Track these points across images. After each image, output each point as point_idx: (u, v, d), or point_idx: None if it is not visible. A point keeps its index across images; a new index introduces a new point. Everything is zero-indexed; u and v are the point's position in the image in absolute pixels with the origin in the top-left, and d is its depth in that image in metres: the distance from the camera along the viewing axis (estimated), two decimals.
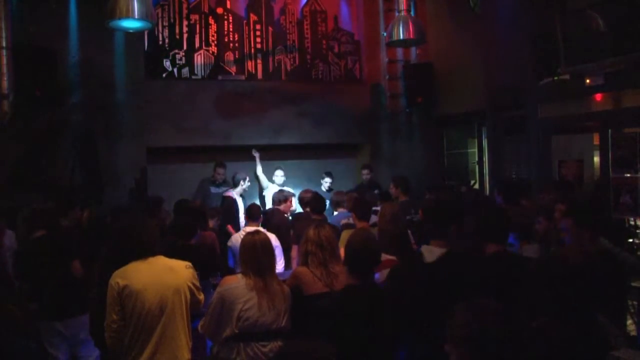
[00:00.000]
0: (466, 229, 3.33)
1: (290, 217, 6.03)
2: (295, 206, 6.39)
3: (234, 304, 2.96)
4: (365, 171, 7.85)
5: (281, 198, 5.84)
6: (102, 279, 3.21)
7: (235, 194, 6.85)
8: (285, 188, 6.81)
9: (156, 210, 5.12)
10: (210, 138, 7.93)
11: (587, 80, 5.46)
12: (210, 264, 4.23)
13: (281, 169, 7.57)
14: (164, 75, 7.98)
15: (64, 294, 3.86)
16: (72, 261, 3.91)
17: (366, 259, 2.76)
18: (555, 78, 5.64)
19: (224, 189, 7.18)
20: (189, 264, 3.02)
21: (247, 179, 7.04)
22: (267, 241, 3.15)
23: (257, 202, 7.00)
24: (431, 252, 2.74)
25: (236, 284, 3.03)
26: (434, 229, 2.80)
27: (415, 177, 7.26)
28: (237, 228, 6.17)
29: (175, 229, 4.24)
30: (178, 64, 8.06)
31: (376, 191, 6.74)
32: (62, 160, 6.62)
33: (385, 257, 3.42)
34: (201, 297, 3.06)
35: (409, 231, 4.52)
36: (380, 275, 3.29)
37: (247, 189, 7.11)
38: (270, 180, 7.53)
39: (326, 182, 7.61)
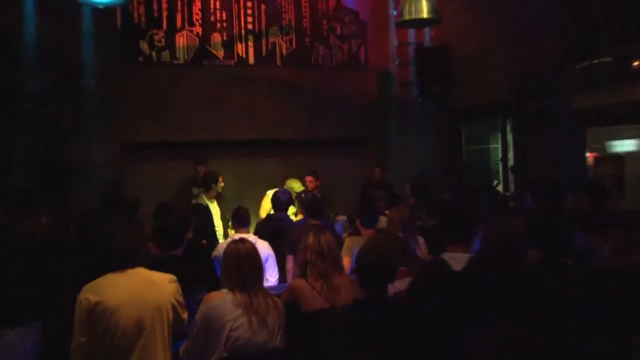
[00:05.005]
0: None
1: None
2: None
3: (222, 323, 2.95)
4: (377, 169, 7.87)
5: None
6: (68, 294, 3.17)
7: (206, 198, 6.41)
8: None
9: (132, 216, 5.08)
10: (195, 132, 7.96)
11: (635, 63, 5.42)
12: (199, 277, 4.19)
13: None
14: (140, 59, 7.97)
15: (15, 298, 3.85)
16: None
17: (381, 272, 2.74)
18: (595, 61, 5.60)
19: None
20: (173, 277, 3.00)
21: (221, 178, 6.52)
22: (253, 251, 3.13)
23: None
24: (455, 259, 2.75)
25: (222, 300, 3.01)
26: (453, 233, 2.81)
27: (428, 176, 7.25)
28: (212, 240, 5.87)
29: (157, 237, 4.19)
30: (157, 46, 8.04)
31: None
32: (22, 159, 6.57)
33: None
34: (185, 315, 3.04)
35: (422, 238, 4.55)
36: (391, 287, 3.27)
37: (221, 191, 6.59)
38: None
39: (310, 183, 7.57)
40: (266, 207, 6.92)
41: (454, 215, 2.90)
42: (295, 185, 7.08)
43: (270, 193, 6.98)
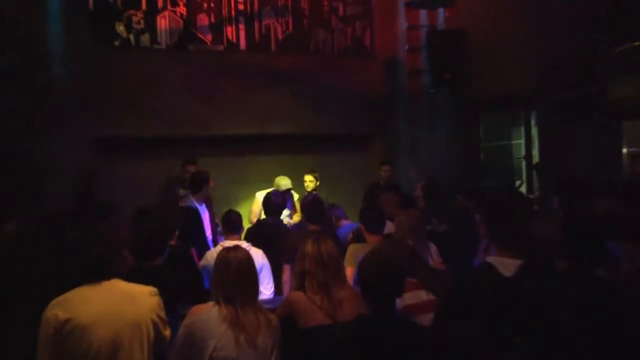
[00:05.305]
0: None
1: None
2: None
3: (206, 340, 2.95)
4: (385, 167, 7.92)
5: None
6: (33, 310, 3.15)
7: (195, 201, 6.35)
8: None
9: (106, 220, 5.07)
10: (180, 127, 7.95)
11: None
12: (184, 290, 4.19)
13: None
14: (116, 43, 7.96)
15: None
16: None
17: (386, 284, 2.74)
18: (637, 44, 5.55)
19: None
20: (154, 290, 3.01)
21: (210, 178, 6.47)
22: (246, 260, 3.15)
23: None
24: (503, 265, 2.75)
25: (207, 315, 3.03)
26: (502, 237, 2.83)
27: (441, 176, 7.22)
28: (202, 248, 5.86)
29: (135, 245, 4.19)
30: (135, 28, 8.04)
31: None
32: None
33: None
34: (167, 332, 3.04)
35: (435, 245, 4.55)
36: (400, 301, 3.27)
37: (210, 193, 6.56)
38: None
39: (310, 183, 7.58)
40: (256, 212, 6.93)
41: (503, 217, 2.92)
42: (283, 182, 7.09)
43: (259, 195, 7.02)
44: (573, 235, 3.04)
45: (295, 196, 7.49)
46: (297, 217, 7.14)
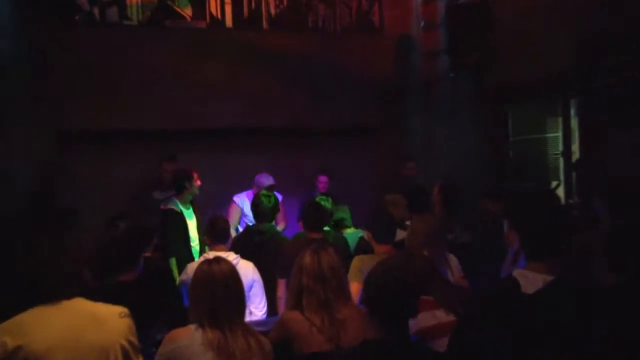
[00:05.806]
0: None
1: None
2: None
3: None
4: (410, 164, 8.04)
5: None
6: None
7: (179, 204, 6.47)
8: None
9: (66, 229, 5.08)
10: (154, 118, 7.98)
11: None
12: (159, 310, 4.19)
13: None
14: (77, 18, 7.94)
15: None
16: None
17: (397, 302, 2.73)
18: None
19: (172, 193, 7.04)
20: (125, 310, 3.00)
21: (195, 177, 6.56)
22: (231, 273, 3.19)
23: None
24: (527, 279, 2.74)
25: (189, 340, 3.04)
26: (535, 246, 2.83)
27: (463, 176, 7.23)
28: (185, 259, 5.98)
29: (99, 257, 4.18)
30: (101, 1, 8.01)
31: None
32: None
33: None
34: None
35: (455, 257, 4.55)
36: (413, 323, 3.26)
37: (197, 193, 6.65)
38: None
39: (322, 184, 7.60)
40: (234, 220, 6.95)
41: (533, 219, 2.92)
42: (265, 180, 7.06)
43: (238, 199, 7.03)
44: (626, 245, 3.04)
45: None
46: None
